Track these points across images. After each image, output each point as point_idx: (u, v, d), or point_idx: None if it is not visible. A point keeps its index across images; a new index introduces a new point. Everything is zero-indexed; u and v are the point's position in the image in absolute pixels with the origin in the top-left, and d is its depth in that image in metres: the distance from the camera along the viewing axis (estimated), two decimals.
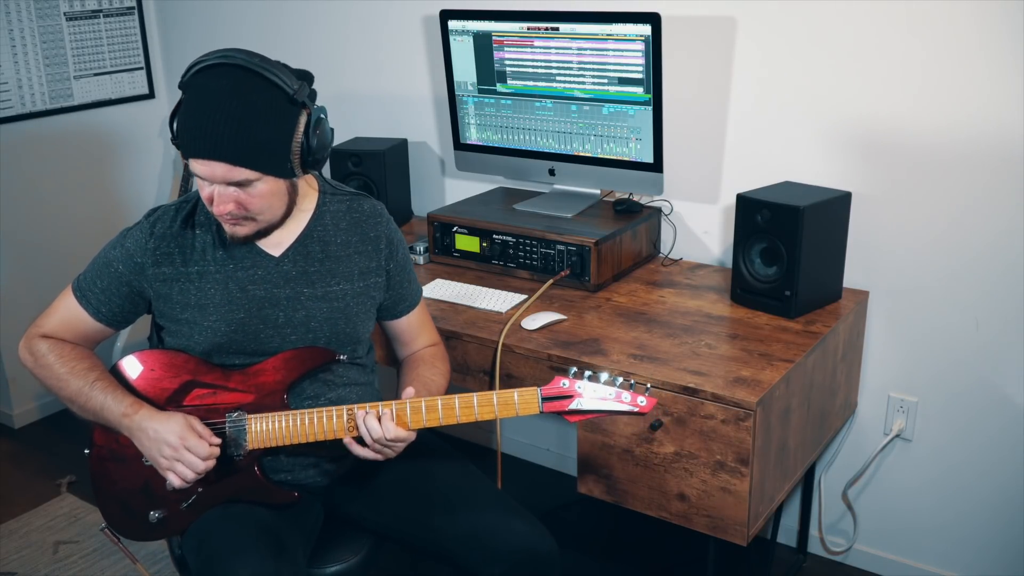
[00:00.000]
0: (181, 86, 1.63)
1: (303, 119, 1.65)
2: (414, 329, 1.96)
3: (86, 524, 2.84)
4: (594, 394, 1.65)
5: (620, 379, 1.66)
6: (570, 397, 1.65)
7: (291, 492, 1.77)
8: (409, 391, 1.73)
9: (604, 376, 1.66)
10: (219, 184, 1.62)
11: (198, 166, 1.61)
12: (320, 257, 1.79)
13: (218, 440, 1.67)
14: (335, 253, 1.81)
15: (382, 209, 1.90)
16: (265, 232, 1.73)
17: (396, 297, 1.90)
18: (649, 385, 1.69)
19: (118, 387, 1.73)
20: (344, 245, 1.82)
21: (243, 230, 1.70)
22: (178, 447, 1.64)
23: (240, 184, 1.62)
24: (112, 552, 2.68)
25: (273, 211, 1.70)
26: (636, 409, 1.64)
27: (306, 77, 1.69)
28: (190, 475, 1.65)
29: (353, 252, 1.82)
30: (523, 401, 1.66)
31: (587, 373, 1.66)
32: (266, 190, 1.65)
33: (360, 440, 1.70)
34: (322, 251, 1.80)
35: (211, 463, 1.66)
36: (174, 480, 1.66)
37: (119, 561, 2.65)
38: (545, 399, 1.65)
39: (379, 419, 1.66)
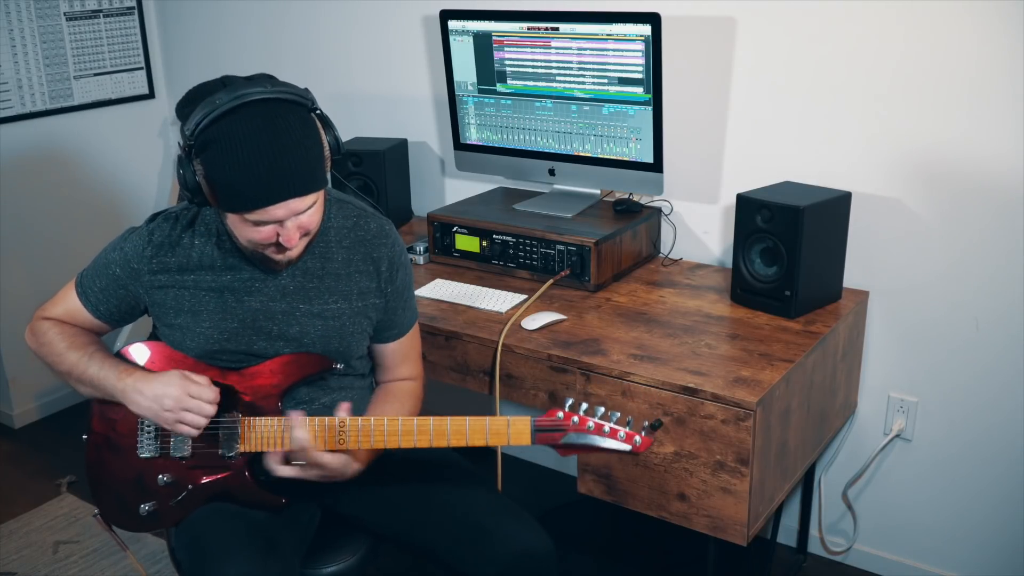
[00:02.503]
0: (198, 141, 1.55)
1: (318, 123, 1.63)
2: (397, 357, 1.92)
3: (86, 524, 2.84)
4: (588, 429, 1.61)
5: (617, 414, 1.63)
6: (563, 430, 1.61)
7: (279, 497, 1.75)
8: (345, 405, 1.69)
9: (601, 410, 1.62)
10: (289, 220, 1.58)
11: (266, 213, 1.55)
12: (320, 274, 1.77)
13: (216, 390, 1.67)
14: (335, 271, 1.78)
15: (390, 230, 1.85)
16: (307, 249, 1.72)
17: (387, 322, 1.86)
18: (647, 422, 1.63)
19: (115, 358, 1.75)
20: (345, 263, 1.79)
21: (299, 249, 1.67)
22: (180, 396, 1.64)
23: (303, 211, 1.60)
24: (112, 552, 2.68)
25: (319, 222, 1.68)
26: (630, 448, 1.60)
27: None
28: (200, 421, 1.65)
29: (353, 271, 1.80)
30: (515, 431, 1.64)
31: (583, 406, 1.63)
32: (319, 205, 1.64)
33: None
34: (322, 268, 1.77)
35: (215, 408, 1.66)
36: (187, 431, 1.66)
37: (119, 561, 2.65)
38: (538, 430, 1.62)
39: (347, 433, 1.66)
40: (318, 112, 1.64)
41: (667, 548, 2.68)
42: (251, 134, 1.53)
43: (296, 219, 1.60)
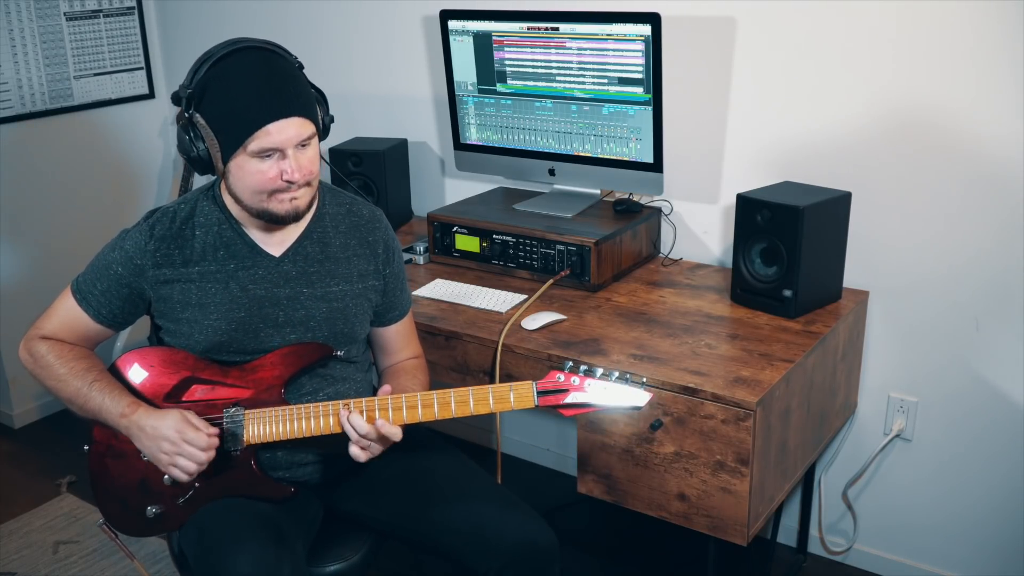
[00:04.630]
0: (196, 88, 1.62)
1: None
2: (400, 339, 1.96)
3: (86, 524, 2.84)
4: (589, 388, 1.65)
5: (616, 373, 1.66)
6: (565, 391, 1.65)
7: (287, 487, 1.77)
8: (386, 388, 1.74)
9: (600, 371, 1.67)
10: (291, 148, 1.63)
11: (268, 136, 1.60)
12: (320, 258, 1.80)
13: (215, 430, 1.68)
14: (334, 254, 1.82)
15: (381, 215, 1.91)
16: (309, 206, 1.74)
17: (388, 304, 1.91)
18: (645, 379, 1.68)
19: (116, 387, 1.73)
20: (343, 247, 1.83)
21: (304, 200, 1.71)
22: (177, 441, 1.64)
23: (304, 144, 1.65)
24: (112, 552, 2.68)
25: (318, 177, 1.73)
26: (631, 404, 1.65)
27: None
28: (192, 467, 1.65)
29: (352, 255, 1.84)
30: (518, 395, 1.67)
31: (583, 367, 1.67)
32: (316, 150, 1.70)
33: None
34: (321, 252, 1.81)
35: (211, 454, 1.67)
36: (179, 475, 1.66)
37: (119, 561, 2.65)
38: (540, 393, 1.66)
39: (363, 413, 1.67)
40: (312, 85, 1.73)
41: (667, 548, 2.68)
42: (248, 67, 1.62)
43: (297, 154, 1.64)
